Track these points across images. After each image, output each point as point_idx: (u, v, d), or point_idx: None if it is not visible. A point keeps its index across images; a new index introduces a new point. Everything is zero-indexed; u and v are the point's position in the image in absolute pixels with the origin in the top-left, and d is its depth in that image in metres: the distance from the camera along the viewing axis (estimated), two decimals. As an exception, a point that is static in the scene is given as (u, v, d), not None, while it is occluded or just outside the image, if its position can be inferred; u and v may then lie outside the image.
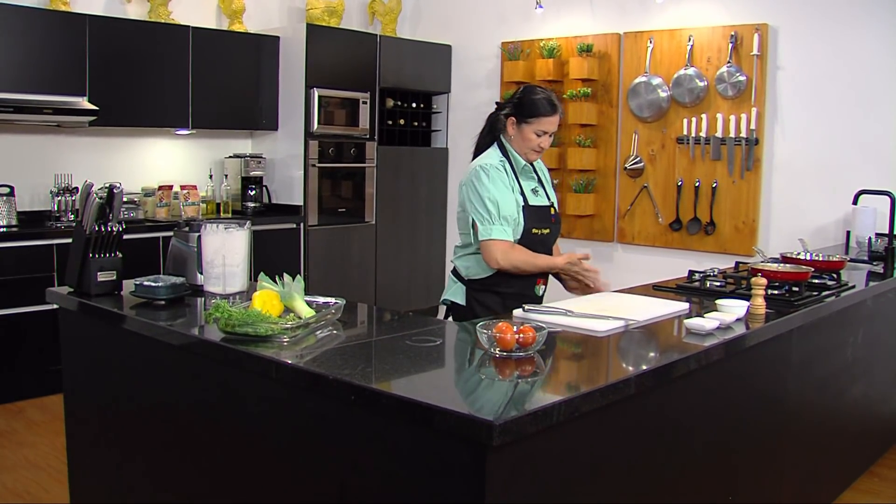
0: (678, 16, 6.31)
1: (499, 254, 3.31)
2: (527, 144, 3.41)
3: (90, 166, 6.10)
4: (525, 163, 3.46)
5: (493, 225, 3.31)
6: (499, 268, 3.34)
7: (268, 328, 2.41)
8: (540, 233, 3.45)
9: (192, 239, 3.19)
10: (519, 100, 3.43)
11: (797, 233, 5.28)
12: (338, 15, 7.25)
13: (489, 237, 3.31)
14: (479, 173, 3.37)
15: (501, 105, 3.52)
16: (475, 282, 3.46)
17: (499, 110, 3.51)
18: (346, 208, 7.08)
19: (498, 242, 3.31)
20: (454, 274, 3.58)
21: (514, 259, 3.33)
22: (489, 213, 3.32)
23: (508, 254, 3.32)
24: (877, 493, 4.13)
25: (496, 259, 3.31)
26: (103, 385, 3.05)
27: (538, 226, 3.44)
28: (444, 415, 1.83)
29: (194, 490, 2.64)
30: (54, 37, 5.60)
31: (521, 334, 2.26)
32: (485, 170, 3.37)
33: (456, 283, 3.55)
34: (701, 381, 2.61)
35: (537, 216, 3.45)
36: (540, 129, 3.38)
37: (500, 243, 3.31)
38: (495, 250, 3.31)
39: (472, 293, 3.47)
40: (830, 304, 3.40)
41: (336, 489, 2.14)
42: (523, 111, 3.39)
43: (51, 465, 4.31)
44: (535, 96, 3.40)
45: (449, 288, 3.58)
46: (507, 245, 3.33)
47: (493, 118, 3.54)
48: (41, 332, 5.26)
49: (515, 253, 3.34)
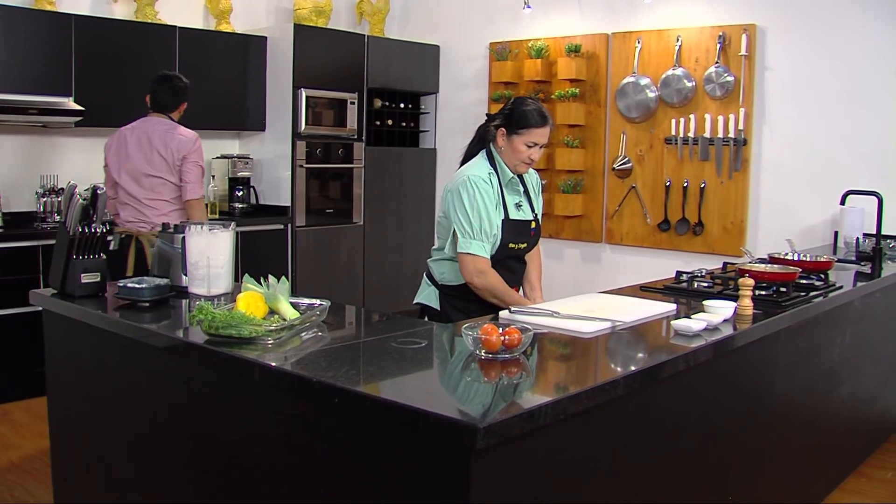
0: (666, 16, 6.31)
1: (474, 272, 3.32)
2: (517, 156, 3.40)
3: (76, 167, 6.05)
4: (512, 175, 3.45)
5: (474, 240, 3.31)
6: (470, 283, 3.35)
7: (252, 330, 2.39)
8: (516, 247, 3.48)
9: (176, 240, 3.18)
10: (510, 111, 3.42)
11: (785, 233, 5.28)
12: (325, 15, 7.23)
13: (468, 251, 3.31)
14: (466, 184, 3.35)
15: (492, 116, 3.51)
16: (449, 287, 3.47)
17: (489, 122, 3.49)
18: (333, 209, 7.06)
19: (476, 259, 3.32)
20: (428, 277, 3.57)
21: (488, 284, 3.34)
22: (471, 227, 3.31)
23: (485, 275, 3.33)
24: (864, 493, 4.13)
25: (470, 275, 3.33)
26: (87, 387, 3.03)
27: (515, 240, 3.45)
28: (429, 418, 1.81)
29: (178, 492, 2.62)
30: (40, 37, 5.56)
31: (507, 336, 2.24)
32: (473, 182, 3.35)
33: (430, 287, 3.55)
34: (688, 383, 2.60)
35: (516, 230, 3.45)
36: (531, 141, 3.37)
37: (478, 260, 3.32)
38: (472, 267, 3.32)
39: (447, 298, 3.48)
40: (818, 304, 3.40)
41: (321, 492, 2.12)
42: (514, 122, 3.38)
43: (35, 467, 4.28)
44: (525, 108, 3.39)
45: (422, 291, 3.57)
46: (484, 264, 3.33)
47: (482, 130, 3.53)
48: (27, 333, 5.21)
49: (491, 278, 3.34)
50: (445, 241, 3.46)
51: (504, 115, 3.42)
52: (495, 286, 3.34)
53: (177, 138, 4.69)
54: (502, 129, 3.40)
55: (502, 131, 3.40)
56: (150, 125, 4.73)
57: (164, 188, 4.71)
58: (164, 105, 4.82)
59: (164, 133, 4.69)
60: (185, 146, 4.69)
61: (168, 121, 4.79)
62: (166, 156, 4.66)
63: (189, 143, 4.71)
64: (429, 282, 3.56)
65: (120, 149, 4.73)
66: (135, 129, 4.74)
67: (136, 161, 4.68)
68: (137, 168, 4.68)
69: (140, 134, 4.71)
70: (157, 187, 4.70)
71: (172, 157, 4.66)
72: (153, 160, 4.67)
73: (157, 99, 4.82)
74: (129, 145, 4.70)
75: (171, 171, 4.69)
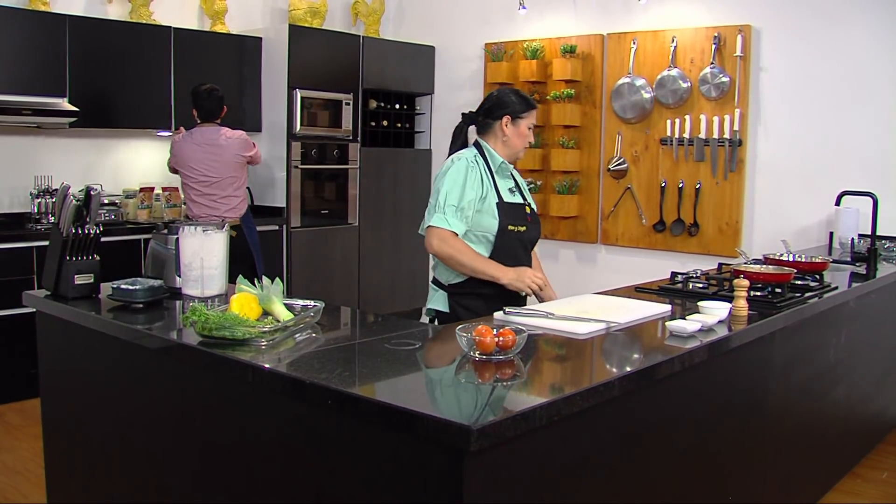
0: (661, 17, 6.31)
1: (435, 239, 3.26)
2: (521, 140, 3.46)
3: (70, 168, 6.05)
4: (502, 160, 3.45)
5: (436, 213, 3.27)
6: (435, 254, 3.29)
7: (245, 332, 2.39)
8: (516, 230, 3.42)
9: (170, 241, 3.17)
10: (502, 101, 3.44)
11: (780, 234, 5.28)
12: (320, 16, 7.23)
13: (430, 224, 3.27)
14: (446, 164, 3.39)
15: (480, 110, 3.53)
16: (455, 286, 3.42)
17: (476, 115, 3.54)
18: (328, 210, 7.05)
19: (438, 230, 3.25)
20: (435, 282, 3.55)
21: (450, 247, 3.25)
22: (436, 200, 3.29)
23: (447, 240, 3.26)
24: (859, 493, 4.13)
25: (431, 246, 3.26)
26: (81, 388, 3.02)
27: (514, 223, 3.41)
28: (422, 419, 1.81)
29: (171, 494, 2.61)
30: (34, 37, 5.55)
31: (501, 337, 2.24)
32: (453, 159, 3.40)
33: (437, 291, 3.50)
34: (683, 384, 2.60)
35: (513, 213, 3.42)
36: (531, 122, 3.46)
37: (441, 231, 3.25)
38: (433, 236, 3.26)
39: (454, 298, 3.43)
40: (813, 305, 3.40)
41: (314, 493, 2.12)
42: (516, 108, 3.43)
43: (29, 469, 4.27)
44: (517, 93, 3.48)
45: (431, 297, 3.54)
46: (447, 234, 3.26)
47: (464, 128, 3.59)
48: (21, 335, 5.19)
49: (455, 241, 3.27)
50: None
51: (496, 105, 3.45)
52: (459, 250, 3.26)
53: (233, 140, 5.66)
54: (507, 116, 3.42)
55: (507, 119, 3.42)
56: (208, 134, 5.63)
57: (231, 185, 5.68)
58: (212, 114, 5.68)
59: (230, 139, 5.64)
60: (241, 144, 5.70)
61: (219, 127, 5.68)
62: (230, 156, 5.63)
63: (243, 140, 5.72)
64: (435, 287, 3.51)
65: (192, 157, 5.58)
66: (198, 138, 5.61)
67: (211, 166, 5.58)
68: (208, 171, 5.58)
69: (203, 142, 5.59)
70: (225, 185, 5.65)
71: (235, 154, 5.65)
72: (221, 162, 5.61)
73: (206, 110, 5.67)
74: (199, 153, 5.58)
75: (237, 167, 5.69)
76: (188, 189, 5.68)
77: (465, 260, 3.28)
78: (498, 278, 3.30)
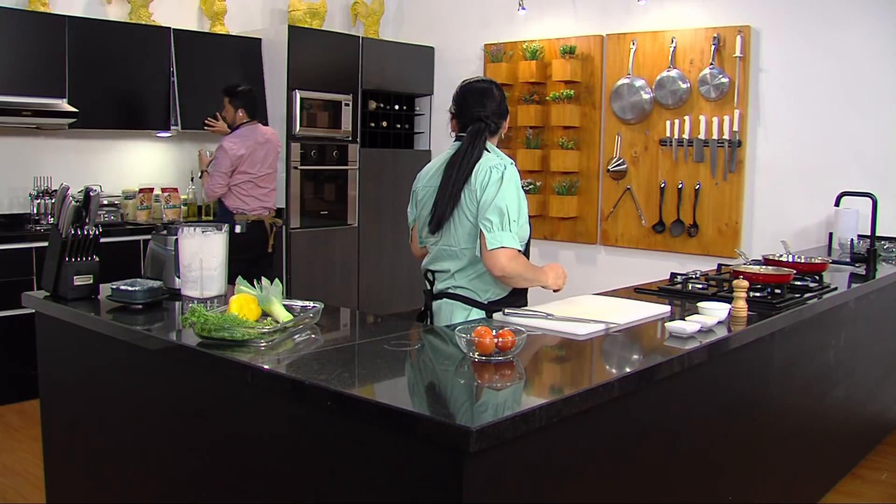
0: (661, 18, 6.31)
1: (504, 258, 2.92)
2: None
3: (70, 169, 6.04)
4: None
5: (504, 232, 2.94)
6: (503, 275, 2.96)
7: (244, 332, 2.38)
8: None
9: (169, 242, 3.16)
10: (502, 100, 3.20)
11: (780, 235, 5.28)
12: (320, 17, 7.22)
13: (500, 245, 2.92)
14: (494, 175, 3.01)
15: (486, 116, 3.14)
16: (495, 302, 3.10)
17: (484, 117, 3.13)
18: (328, 211, 7.05)
19: (508, 250, 2.94)
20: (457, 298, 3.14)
21: (518, 265, 2.97)
22: (502, 221, 2.95)
23: (516, 258, 2.96)
24: (859, 494, 4.13)
25: (503, 265, 2.92)
26: (80, 390, 3.02)
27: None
28: (421, 421, 1.81)
29: (171, 495, 2.61)
30: (33, 38, 5.55)
31: (500, 338, 2.24)
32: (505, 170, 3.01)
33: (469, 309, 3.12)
34: (682, 385, 2.60)
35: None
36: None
37: (510, 250, 2.94)
38: (504, 256, 2.92)
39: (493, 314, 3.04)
40: (812, 306, 3.40)
41: (314, 494, 2.11)
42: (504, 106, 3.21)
43: (28, 470, 4.26)
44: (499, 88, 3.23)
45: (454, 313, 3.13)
46: (515, 252, 2.97)
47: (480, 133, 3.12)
48: (20, 336, 5.19)
49: (521, 258, 3.00)
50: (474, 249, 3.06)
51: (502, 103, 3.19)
52: (526, 265, 3.02)
53: (275, 135, 6.04)
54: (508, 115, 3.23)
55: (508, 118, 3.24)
56: (259, 130, 5.88)
57: (274, 178, 6.07)
58: (257, 112, 5.98)
59: (271, 135, 5.98)
60: (278, 138, 6.10)
61: (262, 126, 6.03)
62: (276, 150, 6.00)
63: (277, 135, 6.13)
64: (464, 305, 3.13)
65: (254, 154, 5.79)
66: (254, 136, 5.81)
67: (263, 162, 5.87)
68: (265, 167, 5.89)
69: (262, 140, 5.85)
70: (272, 179, 6.02)
71: (278, 148, 6.05)
72: (271, 158, 5.93)
73: (255, 108, 5.93)
74: (257, 151, 5.81)
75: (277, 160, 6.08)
76: (240, 186, 5.80)
77: (529, 275, 3.04)
78: (547, 283, 3.13)
